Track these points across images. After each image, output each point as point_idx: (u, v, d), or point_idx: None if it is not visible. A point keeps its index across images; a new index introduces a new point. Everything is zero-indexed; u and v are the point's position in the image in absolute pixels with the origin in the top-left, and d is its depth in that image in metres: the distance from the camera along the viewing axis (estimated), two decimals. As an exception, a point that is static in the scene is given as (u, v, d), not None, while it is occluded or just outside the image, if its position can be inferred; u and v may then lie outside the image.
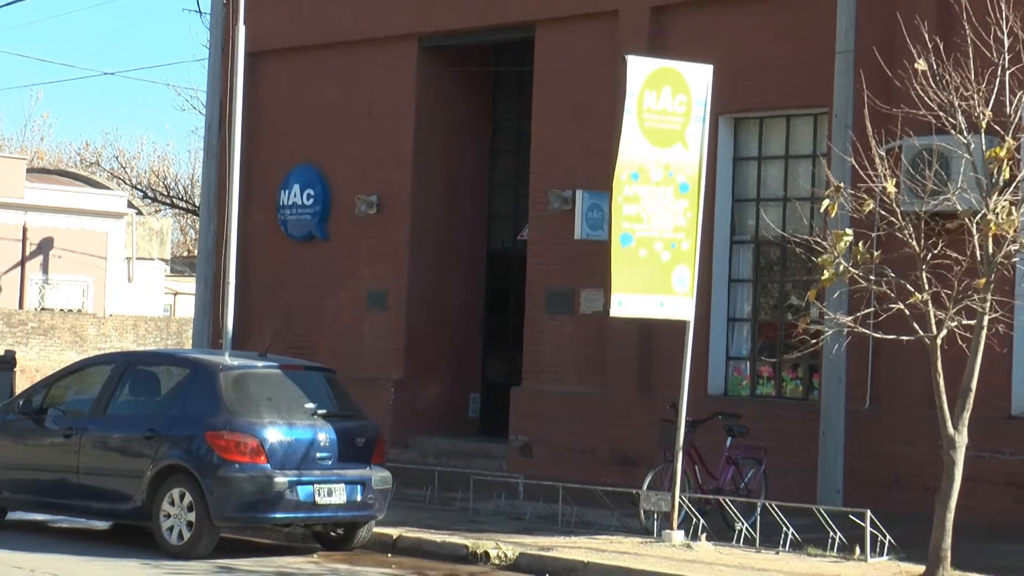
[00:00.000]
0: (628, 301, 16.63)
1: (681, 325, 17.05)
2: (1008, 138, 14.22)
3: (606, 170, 16.88)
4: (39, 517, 18.10)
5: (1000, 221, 14.18)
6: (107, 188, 60.73)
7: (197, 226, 35.55)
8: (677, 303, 16.81)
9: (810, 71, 20.41)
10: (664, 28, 22.16)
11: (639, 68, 16.75)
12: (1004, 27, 14.63)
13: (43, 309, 52.01)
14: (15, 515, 17.85)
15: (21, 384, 27.42)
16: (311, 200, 26.56)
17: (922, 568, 14.58)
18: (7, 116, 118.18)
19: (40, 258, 55.29)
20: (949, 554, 14.39)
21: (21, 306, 52.65)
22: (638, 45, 20.79)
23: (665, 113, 16.69)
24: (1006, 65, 14.49)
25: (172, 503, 15.83)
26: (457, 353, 25.98)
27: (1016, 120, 14.37)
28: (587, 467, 21.40)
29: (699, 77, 16.95)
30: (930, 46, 15.11)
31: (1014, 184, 14.47)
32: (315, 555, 16.39)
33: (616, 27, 22.54)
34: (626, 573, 14.98)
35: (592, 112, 21.98)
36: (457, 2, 24.73)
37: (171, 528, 15.81)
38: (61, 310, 51.95)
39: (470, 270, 26.31)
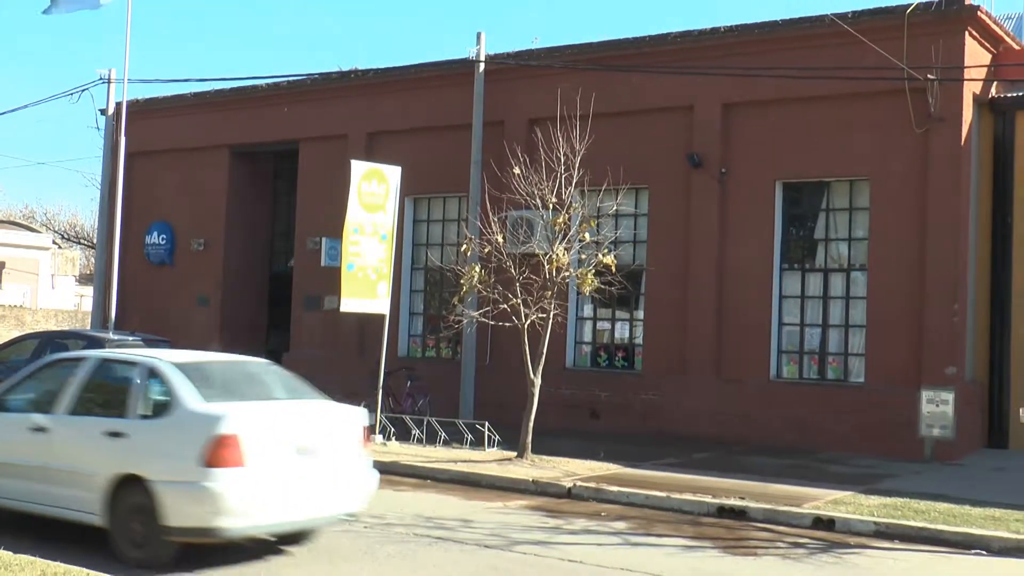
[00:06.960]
0: (352, 303, 16.36)
1: (382, 316, 16.86)
2: (563, 212, 14.54)
3: (339, 226, 16.57)
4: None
5: (559, 258, 14.47)
6: (39, 232, 58.70)
7: (95, 256, 33.69)
8: (380, 304, 16.59)
9: (457, 172, 20.37)
10: (374, 145, 21.88)
11: (359, 168, 16.51)
12: (562, 151, 14.93)
13: (-2, 305, 49.18)
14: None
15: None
16: (164, 241, 25.42)
17: (515, 453, 14.70)
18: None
19: (-3, 274, 53.10)
20: (530, 445, 14.58)
21: (-16, 304, 50.11)
22: (359, 154, 20.51)
23: (374, 194, 16.47)
24: (562, 171, 14.78)
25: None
26: (252, 333, 25.18)
27: (568, 203, 14.66)
28: (328, 398, 20.98)
29: (393, 173, 16.80)
30: (522, 159, 15.30)
31: (566, 238, 14.74)
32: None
33: (346, 144, 22.18)
34: (347, 460, 14.67)
35: (332, 192, 21.58)
36: (253, 127, 24.03)
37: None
38: (11, 305, 48.97)
39: (260, 284, 25.48)
